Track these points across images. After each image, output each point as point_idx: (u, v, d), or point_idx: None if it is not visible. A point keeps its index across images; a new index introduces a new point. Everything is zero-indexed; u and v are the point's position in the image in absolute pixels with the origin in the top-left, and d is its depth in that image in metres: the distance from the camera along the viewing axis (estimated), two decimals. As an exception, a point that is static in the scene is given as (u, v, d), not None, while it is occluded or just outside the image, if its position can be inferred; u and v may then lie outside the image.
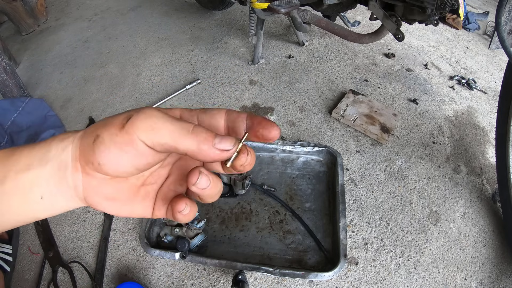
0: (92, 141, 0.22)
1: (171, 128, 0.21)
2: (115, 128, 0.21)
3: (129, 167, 0.22)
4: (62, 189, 0.23)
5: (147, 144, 0.21)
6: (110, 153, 0.21)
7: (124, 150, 0.21)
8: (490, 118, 1.32)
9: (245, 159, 0.23)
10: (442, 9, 0.86)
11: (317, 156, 1.10)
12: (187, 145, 0.21)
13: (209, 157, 0.22)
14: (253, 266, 0.82)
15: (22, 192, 0.22)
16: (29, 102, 1.26)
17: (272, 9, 1.14)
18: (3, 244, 0.88)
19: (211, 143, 0.21)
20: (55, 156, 0.23)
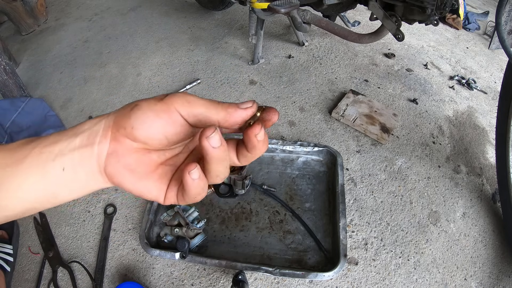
0: (129, 109, 0.24)
1: (203, 102, 0.25)
2: (155, 100, 0.24)
3: (159, 134, 0.24)
4: (85, 158, 0.24)
5: (182, 115, 0.24)
6: (146, 117, 0.24)
7: (159, 116, 0.24)
8: (490, 118, 1.32)
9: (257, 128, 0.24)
10: (442, 9, 0.86)
11: (317, 156, 1.10)
12: (218, 113, 0.25)
13: (237, 116, 0.25)
14: (253, 266, 0.82)
15: (44, 164, 0.24)
16: (29, 102, 1.26)
17: (272, 9, 1.14)
18: (4, 244, 0.88)
19: (236, 106, 0.25)
20: (88, 129, 0.25)
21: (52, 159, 0.24)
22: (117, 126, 0.25)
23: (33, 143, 0.25)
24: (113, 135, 0.25)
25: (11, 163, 0.24)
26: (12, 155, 0.25)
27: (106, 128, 0.25)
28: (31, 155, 0.24)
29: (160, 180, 0.27)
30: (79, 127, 0.25)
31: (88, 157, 0.25)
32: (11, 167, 0.24)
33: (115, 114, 0.25)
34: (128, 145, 0.25)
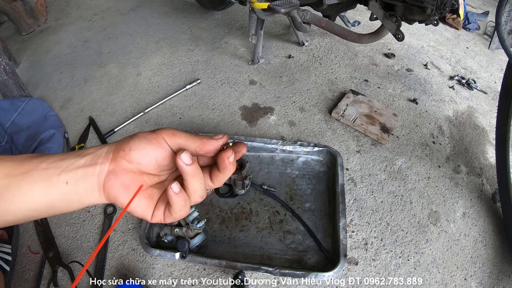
0: (129, 138, 0.31)
1: (184, 135, 0.32)
2: (149, 132, 0.32)
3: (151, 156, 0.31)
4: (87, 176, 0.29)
5: (168, 143, 0.31)
6: (141, 142, 0.30)
7: (151, 142, 0.30)
8: (490, 118, 1.32)
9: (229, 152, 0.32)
10: (442, 9, 0.86)
11: (317, 156, 1.10)
12: (195, 142, 0.31)
13: (210, 145, 0.32)
14: (253, 266, 0.82)
15: (50, 178, 0.28)
16: (29, 102, 1.26)
17: (272, 9, 1.14)
18: (3, 244, 0.88)
19: (210, 137, 0.32)
20: (92, 152, 0.31)
21: (58, 174, 0.29)
22: (117, 149, 0.30)
23: (40, 158, 0.29)
24: (113, 156, 0.30)
25: (19, 173, 0.28)
26: (20, 166, 0.29)
27: (108, 152, 0.31)
28: (38, 169, 0.29)
29: (149, 198, 0.32)
30: (85, 150, 0.31)
31: (90, 174, 0.30)
32: (18, 177, 0.28)
33: (117, 142, 0.32)
34: (125, 165, 0.30)
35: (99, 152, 0.31)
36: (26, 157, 0.30)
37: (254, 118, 1.28)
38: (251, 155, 1.10)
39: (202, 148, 0.32)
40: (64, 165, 0.29)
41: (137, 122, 1.27)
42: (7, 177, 0.28)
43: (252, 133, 1.21)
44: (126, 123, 1.26)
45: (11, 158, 0.29)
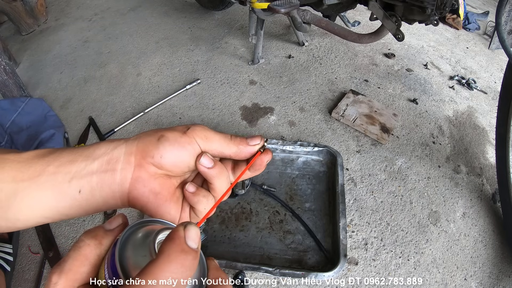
0: (156, 139, 0.27)
1: (218, 138, 0.28)
2: (179, 132, 0.27)
3: (184, 163, 0.27)
4: (105, 183, 0.26)
5: (201, 147, 0.28)
6: (173, 149, 0.27)
7: (185, 148, 0.27)
8: (490, 118, 1.32)
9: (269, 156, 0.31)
10: (442, 9, 0.86)
11: (317, 156, 1.10)
12: (230, 148, 0.29)
13: (247, 152, 0.29)
14: (253, 266, 0.82)
15: (60, 185, 0.25)
16: (29, 102, 1.26)
17: (272, 9, 1.14)
18: (4, 244, 0.88)
19: (246, 142, 0.29)
20: (105, 153, 0.26)
21: (68, 181, 0.25)
22: (142, 154, 0.26)
23: (46, 158, 0.26)
24: (137, 161, 0.26)
25: (26, 178, 0.25)
26: (26, 170, 0.25)
27: (128, 154, 0.26)
28: (46, 173, 0.25)
29: (177, 202, 0.29)
30: (95, 150, 0.26)
31: (108, 182, 0.26)
32: (25, 182, 0.25)
33: (138, 141, 0.27)
34: (152, 171, 0.27)
35: (115, 154, 0.26)
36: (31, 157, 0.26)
37: (254, 118, 1.28)
38: (251, 155, 1.10)
39: (238, 156, 0.29)
40: (73, 169, 0.25)
41: (137, 122, 1.27)
42: (14, 182, 0.25)
43: (252, 133, 1.21)
44: (126, 123, 1.26)
45: (17, 157, 0.26)
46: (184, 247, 0.19)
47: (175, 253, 0.19)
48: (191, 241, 0.20)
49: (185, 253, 0.19)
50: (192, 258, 0.19)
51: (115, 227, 0.24)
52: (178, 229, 0.20)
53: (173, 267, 0.18)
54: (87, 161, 0.26)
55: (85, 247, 0.22)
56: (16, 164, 0.25)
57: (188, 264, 0.19)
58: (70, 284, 0.21)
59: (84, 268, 0.22)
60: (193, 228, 0.20)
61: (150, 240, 0.21)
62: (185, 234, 0.20)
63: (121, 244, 0.21)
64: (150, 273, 0.18)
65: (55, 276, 0.21)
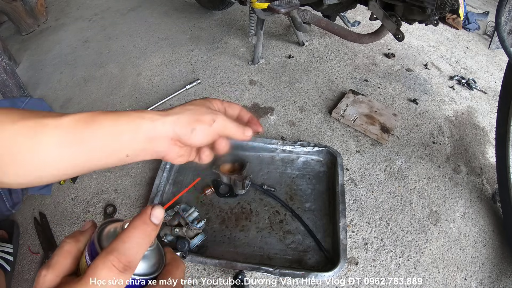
0: (190, 131, 0.34)
1: (231, 127, 0.37)
2: (206, 125, 0.35)
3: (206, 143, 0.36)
4: (146, 151, 0.33)
5: (219, 134, 0.36)
6: (202, 138, 0.35)
7: (209, 137, 0.35)
8: (490, 118, 1.32)
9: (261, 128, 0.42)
10: (442, 9, 0.86)
11: (317, 156, 1.10)
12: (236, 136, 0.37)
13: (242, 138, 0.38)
14: (253, 266, 0.82)
15: (110, 151, 0.31)
16: (29, 102, 1.26)
17: (272, 9, 1.14)
18: (4, 244, 0.88)
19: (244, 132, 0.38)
20: (148, 130, 0.32)
21: (118, 149, 0.31)
22: (178, 138, 0.34)
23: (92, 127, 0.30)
24: (173, 142, 0.34)
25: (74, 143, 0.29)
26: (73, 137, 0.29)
27: (166, 137, 0.33)
28: (95, 141, 0.30)
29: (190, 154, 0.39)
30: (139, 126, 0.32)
31: (149, 151, 0.33)
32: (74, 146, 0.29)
33: (174, 127, 0.33)
34: (181, 146, 0.35)
35: (156, 133, 0.32)
36: (75, 122, 0.29)
37: (254, 118, 1.28)
38: (251, 155, 1.10)
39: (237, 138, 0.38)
40: (121, 141, 0.31)
41: (137, 122, 1.27)
42: (59, 147, 0.28)
43: (252, 133, 1.21)
44: (126, 123, 1.26)
45: (59, 122, 0.29)
46: (147, 220, 0.26)
47: (139, 223, 0.26)
48: (154, 218, 0.27)
49: (147, 224, 0.26)
50: (152, 229, 0.26)
51: (87, 228, 0.30)
52: (146, 208, 0.27)
53: (137, 233, 0.25)
54: (132, 135, 0.31)
55: (67, 245, 0.27)
56: (60, 131, 0.28)
57: (148, 233, 0.26)
58: (56, 275, 0.26)
59: (67, 260, 0.26)
60: (159, 208, 0.27)
61: (121, 224, 0.27)
62: (151, 212, 0.27)
63: (97, 233, 0.27)
64: (120, 237, 0.25)
65: (44, 270, 0.25)
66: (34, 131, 0.28)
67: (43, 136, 0.28)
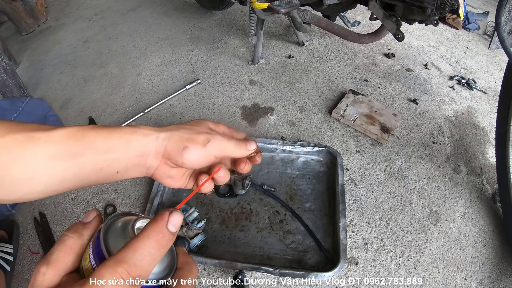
0: (181, 148, 0.32)
1: (230, 147, 0.35)
2: (200, 145, 0.33)
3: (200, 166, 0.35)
4: (136, 167, 0.32)
5: (216, 156, 0.35)
6: (194, 159, 0.33)
7: (203, 158, 0.34)
8: (490, 118, 1.32)
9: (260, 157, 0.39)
10: (442, 9, 0.86)
11: (317, 156, 1.10)
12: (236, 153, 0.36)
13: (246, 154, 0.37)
14: (253, 266, 0.82)
15: (100, 167, 0.30)
16: (29, 102, 1.26)
17: (272, 9, 1.14)
18: (4, 244, 0.88)
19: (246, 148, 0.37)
20: (139, 146, 0.31)
21: (108, 164, 0.30)
22: (168, 157, 0.33)
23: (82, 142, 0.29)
24: (163, 160, 0.33)
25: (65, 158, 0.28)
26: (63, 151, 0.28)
27: (157, 152, 0.33)
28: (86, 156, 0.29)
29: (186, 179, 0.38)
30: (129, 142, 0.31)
31: (140, 168, 0.33)
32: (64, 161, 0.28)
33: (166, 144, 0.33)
34: (173, 166, 0.34)
35: (147, 149, 0.32)
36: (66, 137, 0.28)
37: (254, 118, 1.28)
38: (251, 155, 1.10)
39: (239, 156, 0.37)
40: (112, 157, 0.30)
41: (137, 122, 1.27)
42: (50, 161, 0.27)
43: (252, 133, 1.21)
44: (126, 123, 1.26)
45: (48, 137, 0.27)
46: (163, 229, 0.23)
47: (153, 232, 0.23)
48: (172, 225, 0.24)
49: (162, 234, 0.23)
50: (168, 239, 0.23)
51: (91, 220, 0.27)
52: (164, 214, 0.24)
53: (150, 242, 0.22)
54: (123, 151, 0.31)
55: (68, 239, 0.24)
56: (51, 145, 0.27)
57: (164, 243, 0.23)
58: (57, 273, 0.23)
59: (69, 257, 0.24)
60: (177, 215, 0.24)
61: (130, 225, 0.25)
62: (169, 219, 0.24)
63: (104, 231, 0.24)
64: (131, 246, 0.22)
65: (43, 267, 0.23)
66: (23, 145, 0.26)
67: (32, 151, 0.26)
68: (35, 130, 0.27)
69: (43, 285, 0.22)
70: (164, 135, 0.33)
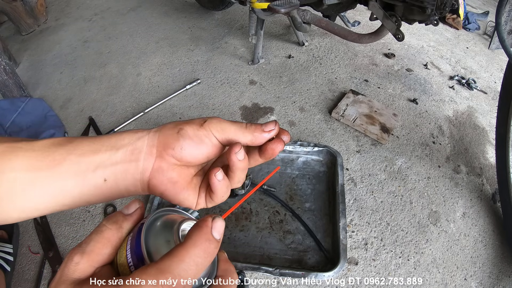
0: (176, 132, 0.28)
1: (234, 128, 0.29)
2: (196, 125, 0.28)
3: (202, 155, 0.29)
4: (128, 172, 0.27)
5: (218, 139, 0.29)
6: (192, 141, 0.28)
7: (202, 141, 0.28)
8: (490, 118, 1.32)
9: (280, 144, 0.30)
10: (442, 9, 0.86)
11: (317, 156, 1.10)
12: (246, 136, 0.29)
13: (262, 138, 0.30)
14: (253, 266, 0.82)
15: (84, 174, 0.26)
16: (29, 102, 1.26)
17: (272, 9, 1.14)
18: (4, 244, 0.88)
19: (261, 129, 0.29)
20: (129, 143, 0.28)
21: (93, 170, 0.26)
22: (164, 146, 0.28)
23: (65, 147, 0.26)
24: (158, 153, 0.28)
25: (44, 167, 0.25)
26: (43, 158, 0.25)
27: (150, 146, 0.28)
28: (67, 163, 0.25)
29: (194, 189, 0.31)
30: (118, 140, 0.28)
31: (132, 171, 0.28)
32: (44, 171, 0.25)
33: (159, 133, 0.28)
34: (172, 162, 0.28)
35: (138, 145, 0.28)
36: (49, 145, 0.26)
37: (254, 118, 1.28)
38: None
39: (253, 143, 0.30)
40: (98, 159, 0.26)
41: (137, 122, 1.27)
42: (30, 171, 0.24)
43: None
44: (126, 123, 1.26)
45: (31, 146, 0.25)
46: (209, 236, 0.21)
47: (200, 239, 0.21)
48: (216, 232, 0.22)
49: (209, 241, 0.21)
50: (215, 247, 0.22)
51: (132, 212, 0.25)
52: (207, 220, 0.22)
53: (198, 251, 0.20)
54: (111, 151, 0.27)
55: (107, 231, 0.23)
56: (31, 153, 0.25)
57: (211, 251, 0.21)
58: (90, 264, 0.22)
59: (106, 250, 0.23)
60: (220, 221, 0.22)
61: (175, 228, 0.24)
62: (212, 225, 0.22)
63: (146, 229, 0.22)
64: (177, 255, 0.20)
65: (77, 256, 0.22)
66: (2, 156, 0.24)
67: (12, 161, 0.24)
68: (19, 140, 0.26)
69: (74, 275, 0.21)
70: (155, 129, 0.29)
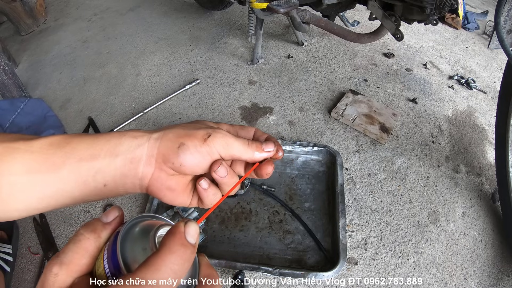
0: (176, 146, 0.28)
1: (238, 145, 0.30)
2: (198, 141, 0.28)
3: (202, 169, 0.29)
4: (128, 178, 0.28)
5: (221, 155, 0.29)
6: (193, 158, 0.28)
7: (204, 158, 0.28)
8: (489, 117, 1.32)
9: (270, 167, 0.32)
10: (441, 8, 0.86)
11: (316, 155, 1.10)
12: (247, 154, 0.30)
13: (261, 157, 0.31)
14: (253, 266, 0.82)
15: (84, 178, 0.26)
16: (28, 103, 1.26)
17: (271, 9, 1.14)
18: (3, 244, 0.88)
19: (262, 149, 0.31)
20: (128, 150, 0.27)
21: (93, 175, 0.26)
22: (163, 159, 0.28)
23: (64, 149, 0.26)
24: (158, 164, 0.28)
25: (44, 169, 0.25)
26: (42, 161, 0.25)
27: (149, 156, 0.28)
28: (68, 167, 0.26)
29: (189, 193, 0.32)
30: (117, 145, 0.27)
31: (131, 178, 0.28)
32: (44, 174, 0.25)
33: (159, 143, 0.28)
34: (170, 172, 0.29)
35: (137, 153, 0.27)
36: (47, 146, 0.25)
37: (254, 118, 1.28)
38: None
39: (252, 160, 0.31)
40: (97, 165, 0.26)
41: (136, 122, 1.27)
42: (29, 174, 0.24)
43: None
44: (126, 123, 1.26)
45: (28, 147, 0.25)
46: (184, 241, 0.21)
47: (176, 246, 0.20)
48: (190, 237, 0.21)
49: (184, 246, 0.21)
50: (191, 252, 0.21)
51: (111, 220, 0.25)
52: (179, 225, 0.21)
53: (174, 258, 0.20)
54: (110, 157, 0.27)
55: (85, 240, 0.23)
56: (30, 155, 0.25)
57: (187, 257, 0.21)
58: (69, 275, 0.22)
59: (84, 260, 0.22)
60: (193, 225, 0.22)
61: (151, 234, 0.23)
62: (185, 230, 0.21)
63: (121, 237, 0.22)
64: (153, 263, 0.19)
65: (56, 267, 0.21)
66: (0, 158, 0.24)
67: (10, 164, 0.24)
68: (16, 140, 0.25)
69: (54, 286, 0.21)
70: (156, 135, 0.29)
